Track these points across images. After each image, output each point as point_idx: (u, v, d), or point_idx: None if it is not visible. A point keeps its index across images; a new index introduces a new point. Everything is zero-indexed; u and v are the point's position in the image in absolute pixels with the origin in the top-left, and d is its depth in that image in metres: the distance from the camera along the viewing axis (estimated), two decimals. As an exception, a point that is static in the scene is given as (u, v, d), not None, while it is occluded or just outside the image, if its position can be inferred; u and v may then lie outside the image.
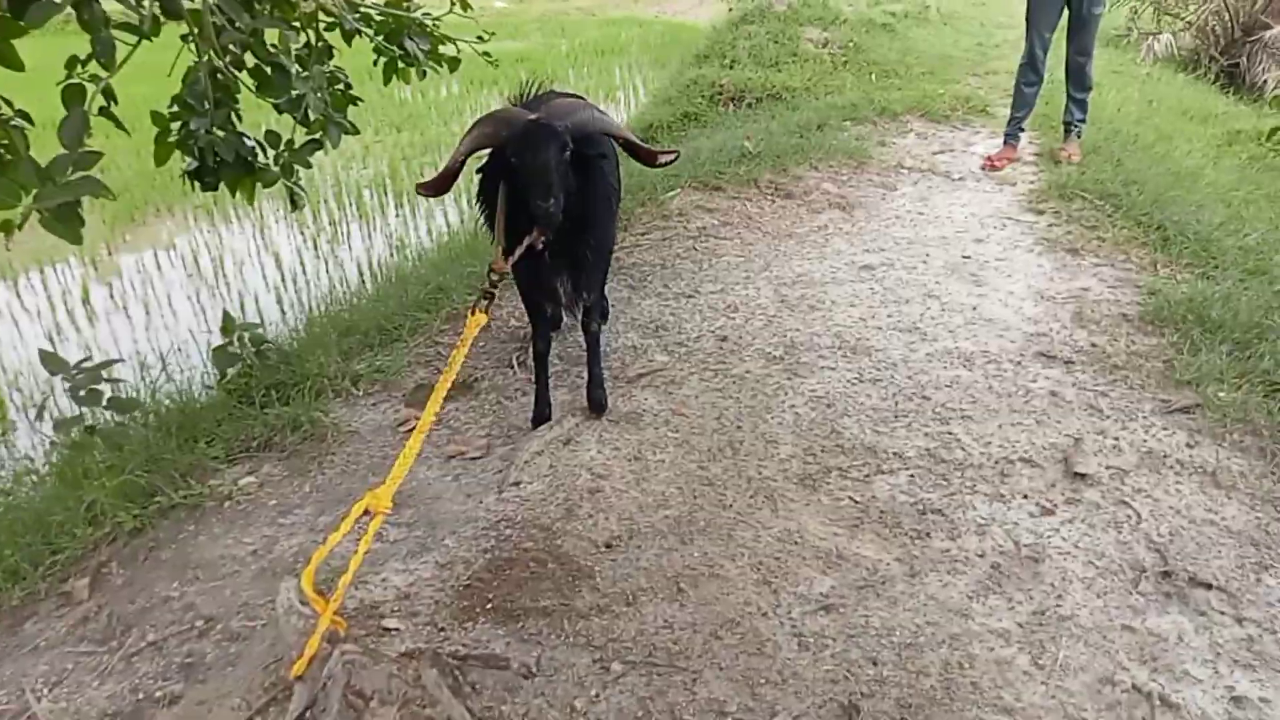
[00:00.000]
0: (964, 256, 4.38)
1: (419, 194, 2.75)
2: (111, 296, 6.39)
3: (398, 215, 7.90)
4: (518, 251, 2.74)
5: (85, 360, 3.65)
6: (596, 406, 3.23)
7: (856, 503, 2.72)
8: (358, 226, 7.65)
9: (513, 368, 3.70)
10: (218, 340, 3.79)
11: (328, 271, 6.71)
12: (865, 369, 3.43)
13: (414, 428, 3.45)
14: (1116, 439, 2.93)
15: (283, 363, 3.73)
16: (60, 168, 2.32)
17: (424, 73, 3.66)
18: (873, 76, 8.04)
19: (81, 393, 3.54)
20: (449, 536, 2.73)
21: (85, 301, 6.31)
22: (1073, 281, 4.02)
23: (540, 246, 2.77)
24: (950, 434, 3.01)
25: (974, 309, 3.84)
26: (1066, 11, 5.30)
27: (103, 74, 2.61)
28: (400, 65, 3.59)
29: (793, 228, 4.85)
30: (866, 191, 5.34)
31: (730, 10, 12.46)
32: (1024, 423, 3.05)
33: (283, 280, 6.56)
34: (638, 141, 2.92)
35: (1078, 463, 2.80)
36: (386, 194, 8.32)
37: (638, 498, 2.81)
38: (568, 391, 3.44)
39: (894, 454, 2.93)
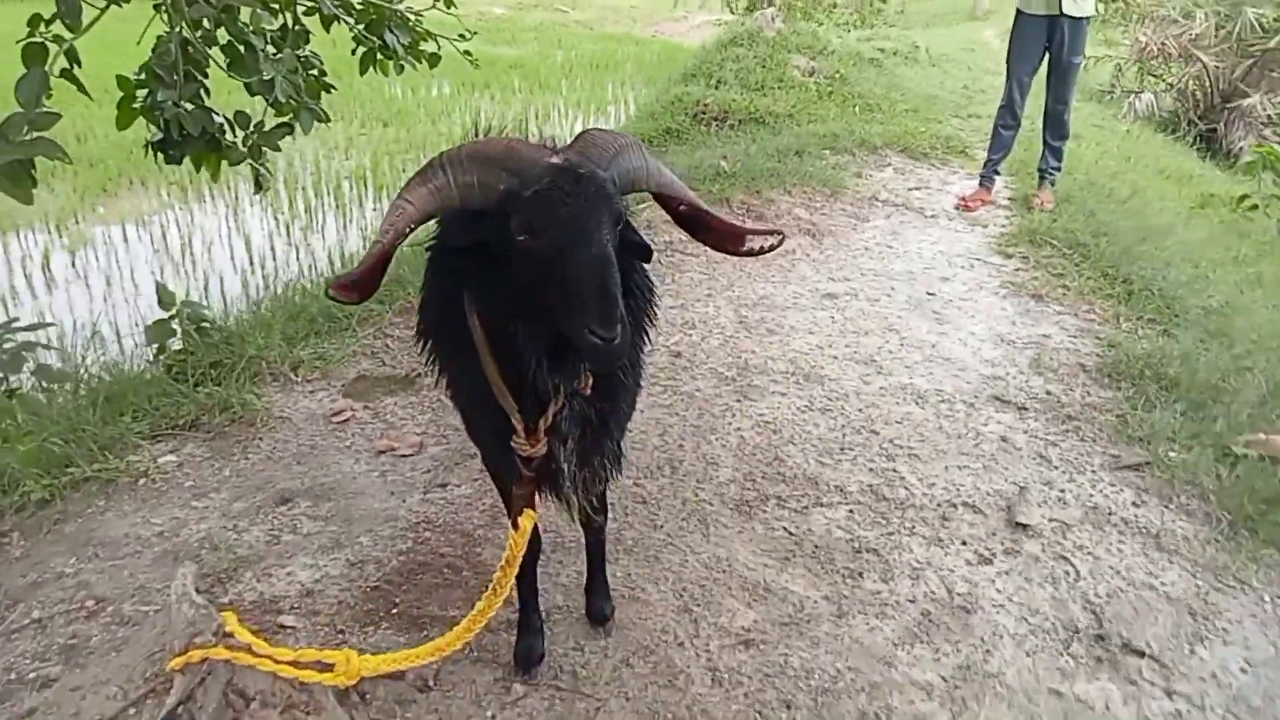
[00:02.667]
0: (929, 293, 4.31)
1: (332, 298, 1.51)
2: (73, 265, 6.25)
3: (375, 209, 7.76)
4: (549, 414, 1.68)
5: (13, 321, 3.51)
6: (600, 617, 2.26)
7: (791, 535, 2.62)
8: (333, 216, 7.51)
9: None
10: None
11: (298, 259, 6.56)
12: (816, 397, 3.34)
13: (348, 419, 3.38)
14: (1063, 491, 2.85)
15: (223, 342, 3.61)
16: (15, 127, 2.21)
17: (401, 67, 3.54)
18: (856, 109, 8.02)
19: (3, 357, 3.42)
20: (365, 534, 2.61)
21: (45, 268, 6.16)
22: (1034, 327, 3.97)
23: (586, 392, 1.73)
24: (895, 471, 2.93)
25: (933, 346, 3.77)
26: (1047, 58, 5.30)
27: (67, 35, 2.48)
28: (379, 57, 3.46)
29: (760, 250, 4.76)
30: (838, 220, 5.28)
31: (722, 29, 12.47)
32: (971, 466, 2.97)
33: (251, 264, 6.42)
34: (711, 210, 1.70)
35: (1020, 512, 2.72)
36: (366, 187, 8.19)
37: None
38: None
39: (835, 487, 2.84)
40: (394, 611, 2.28)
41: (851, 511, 2.73)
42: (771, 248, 1.69)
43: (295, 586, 2.38)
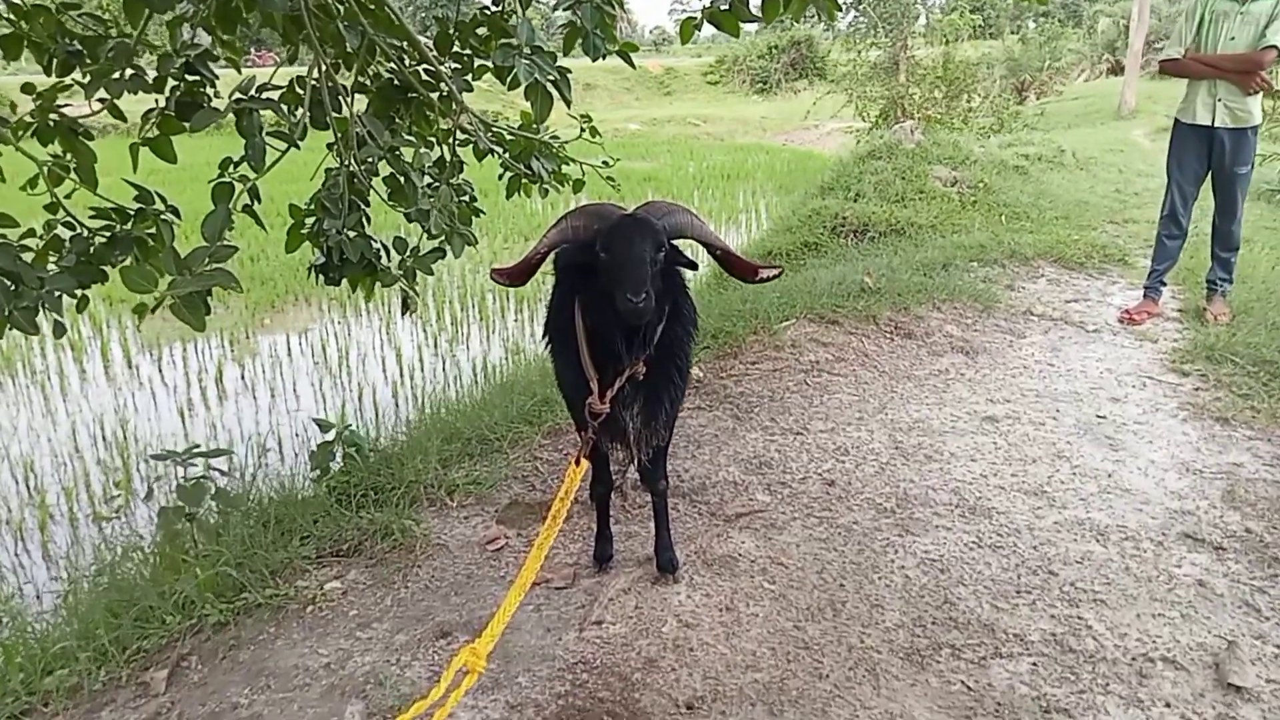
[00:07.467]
0: (1099, 416, 4.06)
1: (493, 279, 2.55)
2: (242, 378, 6.69)
3: (516, 320, 8.05)
4: (617, 384, 2.48)
5: (195, 446, 3.74)
6: (668, 567, 2.98)
7: (969, 690, 2.43)
8: (478, 328, 7.85)
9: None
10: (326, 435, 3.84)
11: (444, 370, 6.87)
12: (985, 533, 3.15)
13: (501, 546, 3.41)
14: (1279, 648, 2.57)
15: (382, 465, 3.72)
16: (198, 259, 2.40)
17: (546, 191, 3.69)
18: (1003, 218, 7.84)
19: (187, 486, 3.60)
20: (523, 674, 2.58)
21: (218, 380, 6.62)
22: (1223, 455, 3.66)
23: (641, 377, 2.52)
24: (1080, 619, 2.70)
25: (1109, 476, 3.52)
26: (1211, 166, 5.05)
27: (251, 175, 2.74)
28: (524, 182, 3.63)
29: (911, 369, 4.64)
30: (992, 337, 5.10)
31: (858, 143, 12.57)
32: (1167, 615, 2.71)
33: (401, 375, 6.73)
34: (737, 254, 2.55)
35: (1232, 671, 2.45)
36: (508, 299, 8.50)
37: (726, 654, 2.61)
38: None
39: (1014, 635, 2.64)
40: (555, 762, 2.23)
41: (1035, 665, 2.52)
42: (775, 275, 2.57)
43: (457, 730, 2.36)
